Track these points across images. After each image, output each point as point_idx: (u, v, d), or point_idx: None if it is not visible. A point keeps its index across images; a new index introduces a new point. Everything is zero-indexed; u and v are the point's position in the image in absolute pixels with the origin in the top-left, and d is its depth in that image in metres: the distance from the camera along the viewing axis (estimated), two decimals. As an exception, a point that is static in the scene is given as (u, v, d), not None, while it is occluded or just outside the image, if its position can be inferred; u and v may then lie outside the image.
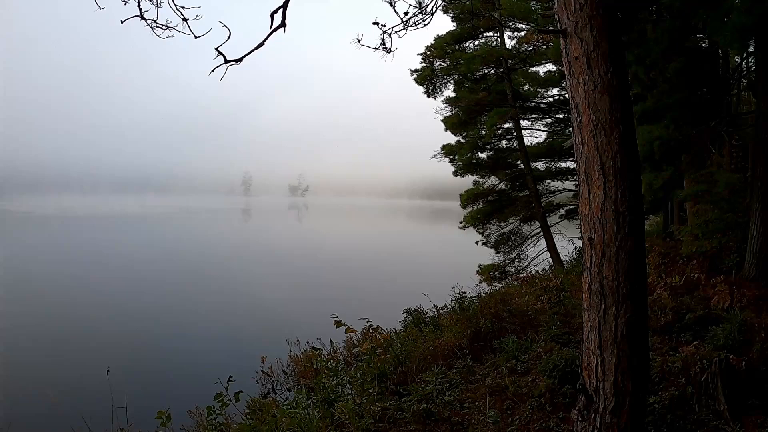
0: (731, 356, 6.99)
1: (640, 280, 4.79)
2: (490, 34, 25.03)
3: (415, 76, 24.78)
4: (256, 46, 5.55)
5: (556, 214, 25.94)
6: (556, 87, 24.83)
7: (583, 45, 4.77)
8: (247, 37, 5.79)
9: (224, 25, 5.26)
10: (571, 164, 25.50)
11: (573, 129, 4.89)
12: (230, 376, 6.96)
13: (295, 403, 6.98)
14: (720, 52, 15.95)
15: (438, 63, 24.86)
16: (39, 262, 43.37)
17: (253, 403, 7.93)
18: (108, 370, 9.88)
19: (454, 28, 24.53)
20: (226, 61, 5.47)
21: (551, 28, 12.08)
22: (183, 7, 5.49)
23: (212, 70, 5.43)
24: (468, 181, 26.13)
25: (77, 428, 9.25)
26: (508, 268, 25.39)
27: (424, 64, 24.69)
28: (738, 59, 17.22)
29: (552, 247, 24.18)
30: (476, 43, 25.11)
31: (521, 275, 20.53)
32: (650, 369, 7.03)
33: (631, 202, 4.65)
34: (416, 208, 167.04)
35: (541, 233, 24.91)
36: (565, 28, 4.90)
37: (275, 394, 11.48)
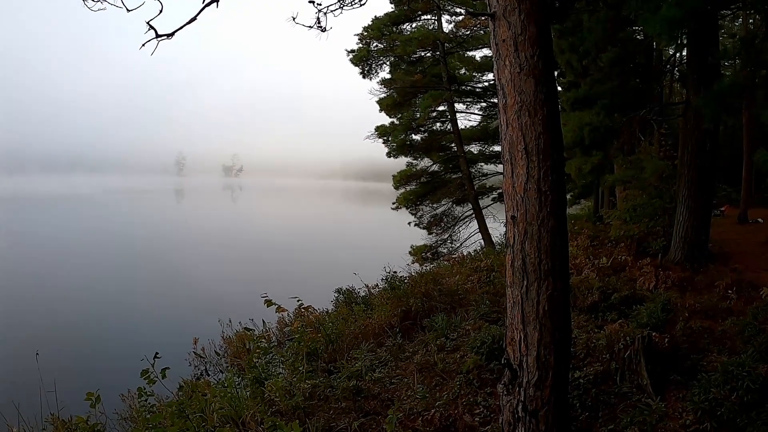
0: (654, 334, 7.29)
1: (562, 258, 4.91)
2: (428, 17, 25.11)
3: (351, 56, 24.70)
4: (188, 20, 5.45)
5: (488, 196, 26.34)
6: (491, 72, 25.11)
7: (510, 28, 4.85)
8: (180, 12, 5.68)
9: (157, -1, 5.15)
10: (505, 148, 25.91)
11: (498, 110, 4.97)
12: (156, 353, 6.87)
13: (227, 383, 6.96)
14: (654, 44, 16.42)
15: (375, 44, 24.84)
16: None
17: (186, 385, 7.85)
18: (37, 354, 9.66)
19: (391, 9, 24.49)
20: (158, 36, 5.34)
21: (480, 11, 12.23)
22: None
23: (143, 45, 5.31)
24: (402, 162, 26.30)
25: (7, 414, 9.05)
26: (440, 249, 25.69)
27: (360, 45, 24.64)
28: (671, 51, 17.74)
29: (484, 229, 24.58)
30: (413, 25, 25.15)
31: (453, 256, 20.80)
32: (573, 344, 7.28)
33: (553, 181, 4.76)
34: (350, 189, 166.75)
35: (474, 215, 25.27)
36: (494, 11, 4.96)
37: (208, 375, 11.39)
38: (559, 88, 16.38)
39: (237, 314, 14.87)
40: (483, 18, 21.80)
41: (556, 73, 11.14)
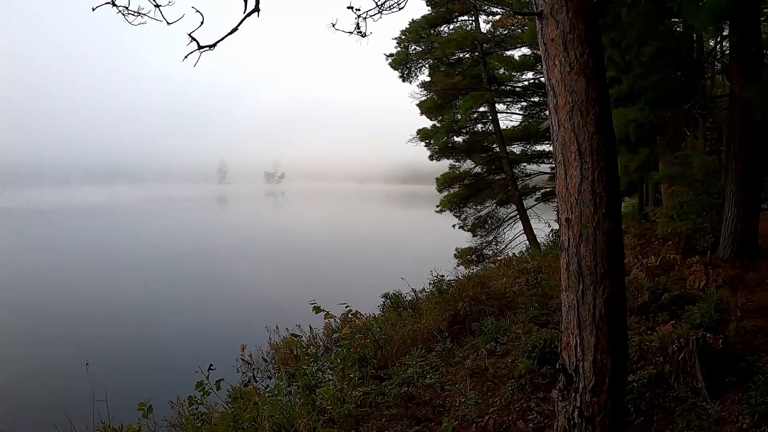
0: (708, 335, 7.08)
1: (617, 260, 4.81)
2: (465, 18, 24.94)
3: (390, 60, 24.71)
4: (229, 31, 5.48)
5: (532, 197, 26.08)
6: (531, 71, 24.90)
7: (559, 27, 4.76)
8: (222, 22, 5.72)
9: (197, 11, 5.18)
10: (547, 147, 25.69)
11: (549, 111, 4.89)
12: (210, 364, 6.93)
13: (276, 390, 6.97)
14: (694, 35, 16.07)
15: (413, 47, 24.79)
16: (10, 257, 42.81)
17: (234, 391, 7.92)
18: (87, 364, 9.84)
19: (428, 12, 24.44)
20: (200, 47, 5.39)
21: (527, 11, 12.09)
22: (155, -6, 5.41)
23: (186, 56, 5.36)
24: (444, 165, 26.22)
25: (59, 423, 9.22)
26: (485, 251, 25.50)
27: (399, 49, 24.62)
28: (712, 43, 17.35)
29: (529, 230, 24.32)
30: (451, 27, 25.05)
31: (498, 258, 20.63)
32: (628, 348, 7.12)
33: (607, 182, 4.66)
34: (391, 193, 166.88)
35: (518, 216, 25.05)
36: (541, 10, 4.89)
37: (256, 382, 11.48)
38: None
39: (284, 320, 14.97)
40: (520, 17, 21.86)
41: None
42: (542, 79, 24.19)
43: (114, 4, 5.40)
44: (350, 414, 6.32)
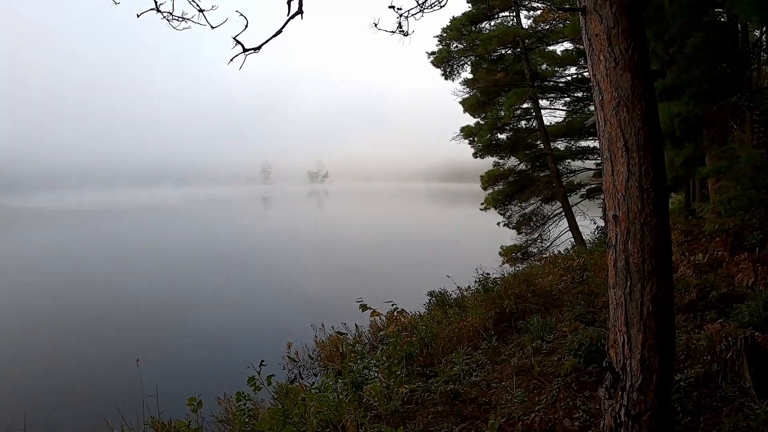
0: (757, 333, 6.96)
1: (665, 257, 4.76)
2: (506, 13, 24.80)
3: (432, 58, 24.67)
4: (274, 33, 5.55)
5: (576, 193, 25.82)
6: (574, 66, 24.64)
7: (603, 22, 4.73)
8: (266, 25, 5.80)
9: (241, 14, 5.25)
10: (591, 143, 25.41)
11: (595, 107, 4.87)
12: (262, 360, 7.04)
13: (323, 387, 7.04)
14: (739, 26, 15.72)
15: (454, 45, 24.71)
16: (60, 256, 43.91)
17: (280, 388, 8.02)
18: (137, 360, 10.05)
19: (469, 9, 24.33)
20: (245, 50, 5.47)
21: (570, 6, 11.98)
22: (198, -3, 5.50)
23: (231, 60, 5.45)
24: (487, 162, 26.10)
25: (110, 417, 9.45)
26: (530, 248, 25.33)
27: (440, 47, 24.57)
28: (757, 33, 16.97)
29: (574, 227, 24.06)
30: (492, 23, 24.90)
31: (544, 256, 20.47)
32: (676, 346, 7.03)
33: (655, 178, 4.62)
34: (433, 191, 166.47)
35: (563, 213, 24.79)
36: (585, 6, 4.86)
37: (302, 379, 11.58)
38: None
39: (329, 318, 15.08)
40: (561, 11, 21.64)
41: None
42: (585, 74, 24.20)
43: (158, 10, 5.50)
44: (396, 411, 6.37)
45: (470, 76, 25.11)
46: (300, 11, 5.46)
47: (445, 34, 24.31)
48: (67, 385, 15.93)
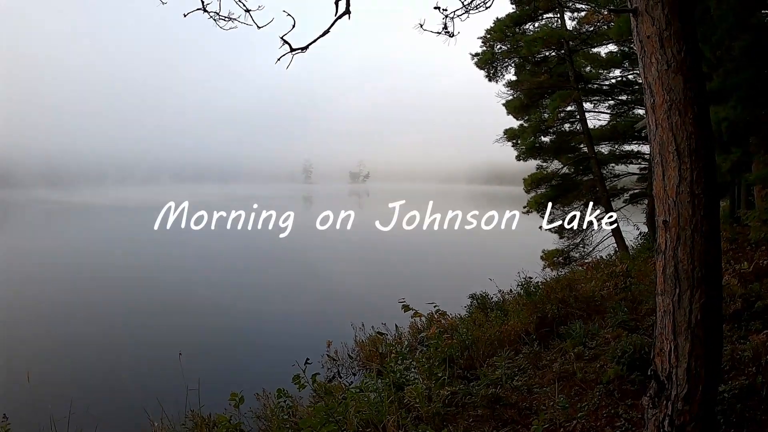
0: (803, 345, 6.79)
1: (714, 264, 4.67)
2: (550, 15, 24.60)
3: (475, 60, 24.57)
4: (321, 33, 5.57)
5: (620, 198, 25.46)
6: (618, 68, 24.31)
7: (655, 23, 4.66)
8: (313, 24, 5.82)
9: (288, 14, 5.29)
10: (635, 147, 25.06)
11: (646, 110, 4.79)
12: (307, 359, 7.09)
13: (364, 387, 7.06)
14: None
15: (498, 46, 24.57)
16: (99, 253, 44.74)
17: (319, 386, 8.04)
18: (180, 354, 10.21)
19: (513, 10, 24.17)
20: (292, 50, 5.51)
21: (620, 7, 11.81)
22: (245, -2, 5.55)
23: (278, 59, 5.49)
24: (529, 165, 25.93)
25: (151, 410, 9.60)
26: (572, 253, 25.06)
27: (484, 48, 24.45)
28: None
29: (617, 232, 23.73)
30: (536, 25, 24.72)
31: (586, 261, 20.25)
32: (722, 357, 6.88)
33: (706, 183, 4.53)
34: (474, 193, 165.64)
35: (606, 218, 24.49)
36: (636, 7, 4.80)
37: (340, 378, 11.63)
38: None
39: (370, 317, 15.14)
40: (610, 12, 21.35)
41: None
42: (630, 77, 23.91)
43: (205, 10, 5.56)
44: (437, 413, 6.35)
45: (514, 77, 24.97)
46: (347, 11, 5.47)
47: (488, 36, 24.20)
48: (110, 376, 16.23)
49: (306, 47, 5.65)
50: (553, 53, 24.68)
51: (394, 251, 44.48)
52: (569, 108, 24.53)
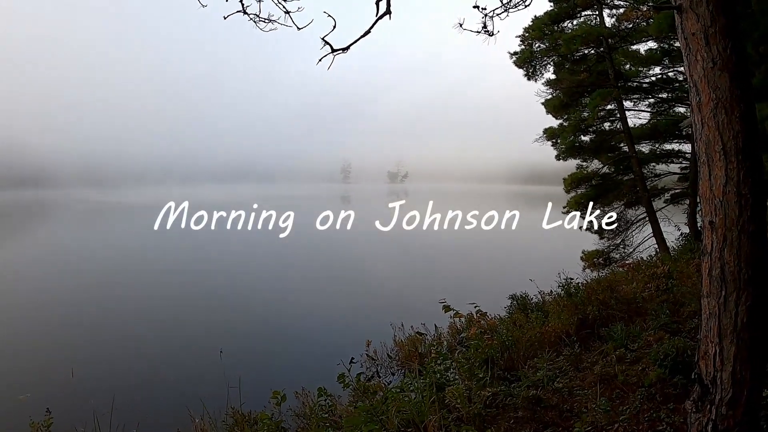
0: None
1: (762, 266, 4.56)
2: (588, 12, 24.28)
3: (514, 59, 24.40)
4: (362, 34, 5.59)
5: (661, 198, 25.08)
6: (658, 65, 23.90)
7: (699, 20, 4.58)
8: (353, 25, 5.86)
9: (329, 15, 5.31)
10: (676, 146, 24.65)
11: (692, 108, 4.71)
12: (352, 358, 7.19)
13: (404, 386, 7.06)
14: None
15: (537, 45, 24.34)
16: (138, 249, 45.47)
17: (358, 385, 8.07)
18: (221, 351, 10.35)
19: (551, 8, 23.93)
20: (333, 51, 5.54)
21: (663, 4, 11.61)
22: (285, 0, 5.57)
23: (319, 60, 5.52)
24: (567, 165, 25.68)
25: (193, 407, 9.72)
26: (612, 254, 24.76)
27: (523, 47, 24.26)
28: None
29: (657, 233, 23.35)
30: (574, 22, 24.43)
31: (627, 262, 19.97)
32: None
33: (753, 183, 4.44)
34: (513, 193, 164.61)
35: (647, 218, 24.11)
36: (680, 3, 4.72)
37: (379, 377, 11.66)
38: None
39: (409, 317, 15.18)
40: (654, 9, 21.01)
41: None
42: (670, 75, 23.49)
43: (245, 12, 5.61)
44: (478, 414, 6.33)
45: (553, 76, 24.75)
46: (388, 11, 5.48)
47: (527, 34, 24.00)
48: (153, 374, 16.47)
49: (347, 48, 5.67)
50: (592, 51, 24.38)
51: (434, 250, 44.49)
52: (609, 106, 24.21)
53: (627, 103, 24.73)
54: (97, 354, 18.24)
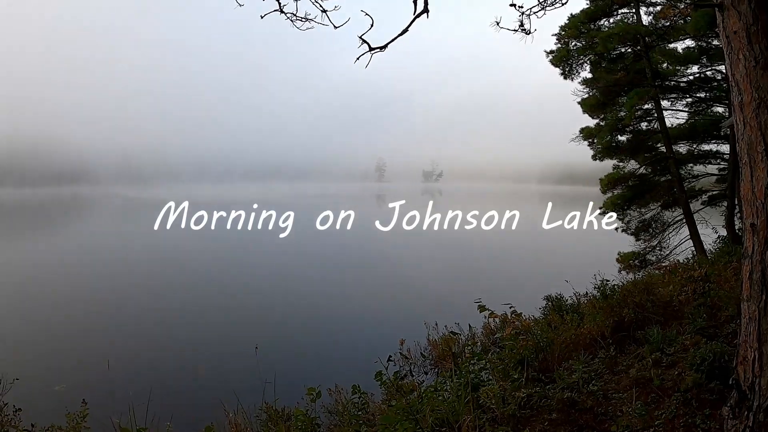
0: None
1: (804, 271, 4.47)
2: (625, 10, 23.95)
3: (550, 57, 24.15)
4: (400, 32, 5.61)
5: (698, 200, 24.65)
6: (696, 64, 23.48)
7: (741, 18, 4.50)
8: (391, 23, 5.86)
9: (366, 14, 5.33)
10: (714, 147, 24.22)
11: (733, 108, 4.62)
12: (390, 356, 7.22)
13: (438, 386, 7.06)
14: None
15: (573, 43, 24.07)
16: (180, 245, 46.00)
17: (391, 384, 8.08)
18: (257, 347, 10.44)
19: (587, 5, 23.65)
20: (371, 49, 5.57)
21: (703, 2, 11.43)
22: (321, -1, 5.60)
23: (357, 58, 5.56)
24: (601, 165, 25.37)
25: (228, 402, 9.83)
26: (648, 256, 24.40)
27: (559, 45, 24.01)
28: None
29: (695, 235, 22.94)
30: (611, 20, 24.12)
31: (663, 264, 19.66)
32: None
33: (796, 185, 4.35)
34: (547, 193, 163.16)
35: (684, 220, 23.71)
36: (721, 1, 4.65)
37: (412, 376, 11.67)
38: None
39: (442, 317, 15.15)
40: (683, 6, 20.66)
41: None
42: (708, 74, 23.06)
43: (282, 11, 5.63)
44: (513, 415, 6.30)
45: (589, 75, 24.42)
46: (426, 10, 5.48)
47: (563, 33, 23.75)
48: (189, 368, 16.67)
49: (384, 46, 5.70)
50: (629, 49, 24.04)
51: (467, 250, 44.39)
52: (646, 106, 23.86)
53: (664, 103, 24.33)
54: (133, 347, 18.54)
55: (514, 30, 6.69)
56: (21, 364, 15.89)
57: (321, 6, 5.60)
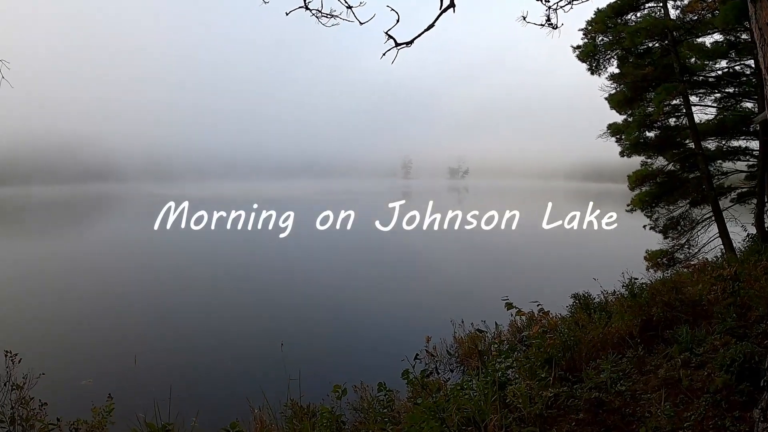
0: None
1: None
2: (652, 4, 23.65)
3: (577, 53, 23.98)
4: (426, 27, 5.61)
5: (727, 197, 24.31)
6: (725, 59, 23.12)
7: (775, 10, 4.40)
8: (416, 19, 5.87)
9: (392, 9, 5.34)
10: (744, 143, 23.90)
11: (766, 102, 4.54)
12: (416, 354, 7.26)
13: (464, 384, 7.04)
14: None
15: (600, 38, 23.86)
16: (208, 243, 46.36)
17: (417, 382, 8.10)
18: (282, 344, 10.50)
19: (614, 0, 23.42)
20: (397, 45, 5.57)
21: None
22: (347, -5, 5.60)
23: (383, 54, 5.57)
24: (628, 162, 25.10)
25: (253, 398, 9.90)
26: (676, 254, 24.12)
27: (585, 40, 23.81)
28: None
29: (724, 233, 22.62)
30: (638, 15, 23.85)
31: (692, 262, 19.43)
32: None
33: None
34: (573, 190, 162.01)
35: (713, 218, 23.40)
36: (754, -7, 4.54)
37: (438, 374, 11.68)
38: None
39: (469, 315, 15.12)
40: (710, 1, 20.36)
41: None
42: (737, 68, 22.71)
43: (307, 8, 5.64)
44: (540, 414, 6.28)
45: (617, 70, 24.20)
46: (452, 5, 5.48)
47: (590, 27, 23.56)
48: (214, 363, 16.82)
49: (411, 42, 5.70)
50: (657, 44, 23.78)
51: (495, 248, 44.31)
52: (674, 101, 23.55)
53: (693, 98, 24.01)
54: (161, 343, 18.76)
55: (541, 24, 6.66)
56: (49, 357, 16.15)
57: (346, 2, 5.60)
